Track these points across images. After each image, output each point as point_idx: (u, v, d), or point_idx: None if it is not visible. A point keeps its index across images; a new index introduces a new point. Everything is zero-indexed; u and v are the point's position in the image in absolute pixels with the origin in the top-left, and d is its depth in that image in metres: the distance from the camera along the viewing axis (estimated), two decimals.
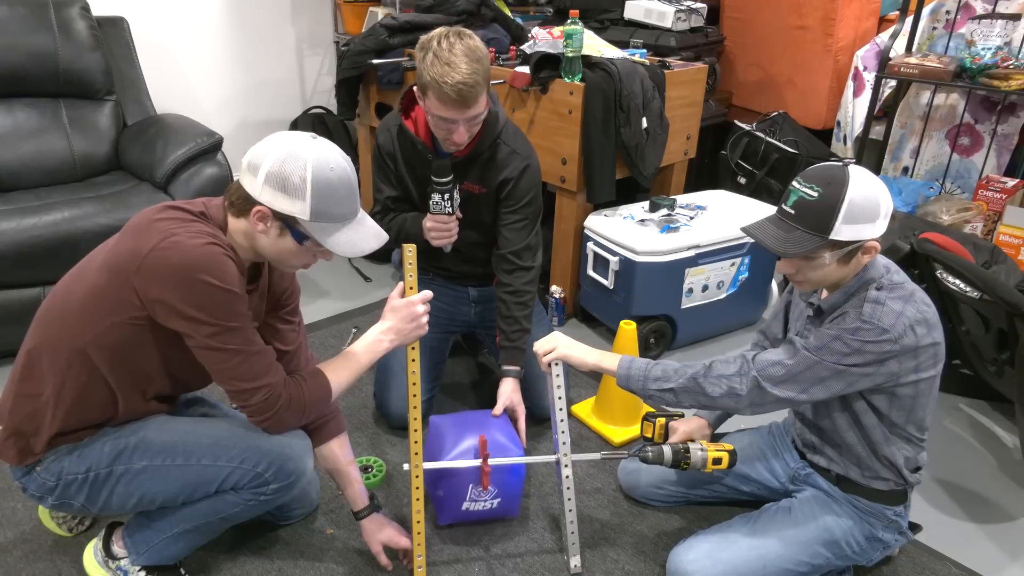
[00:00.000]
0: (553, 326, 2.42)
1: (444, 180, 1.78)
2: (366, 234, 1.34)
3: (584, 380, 2.33)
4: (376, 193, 2.00)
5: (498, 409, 1.84)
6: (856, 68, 3.15)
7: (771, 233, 1.36)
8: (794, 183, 1.35)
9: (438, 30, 1.67)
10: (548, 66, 2.41)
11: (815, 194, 1.30)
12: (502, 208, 1.93)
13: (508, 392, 1.88)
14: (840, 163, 1.33)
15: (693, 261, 2.42)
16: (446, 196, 1.80)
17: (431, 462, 1.60)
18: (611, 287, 2.45)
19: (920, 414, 1.42)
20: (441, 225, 1.84)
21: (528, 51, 2.51)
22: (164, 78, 3.18)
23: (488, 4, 2.86)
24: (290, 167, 1.22)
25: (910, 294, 1.35)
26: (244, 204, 1.27)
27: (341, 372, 1.43)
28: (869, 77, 3.08)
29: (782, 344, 1.48)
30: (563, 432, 1.60)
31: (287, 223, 1.27)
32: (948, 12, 2.97)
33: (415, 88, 1.74)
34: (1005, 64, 2.58)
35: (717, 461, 1.56)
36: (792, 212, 1.34)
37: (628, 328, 2.03)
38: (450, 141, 1.74)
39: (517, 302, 1.93)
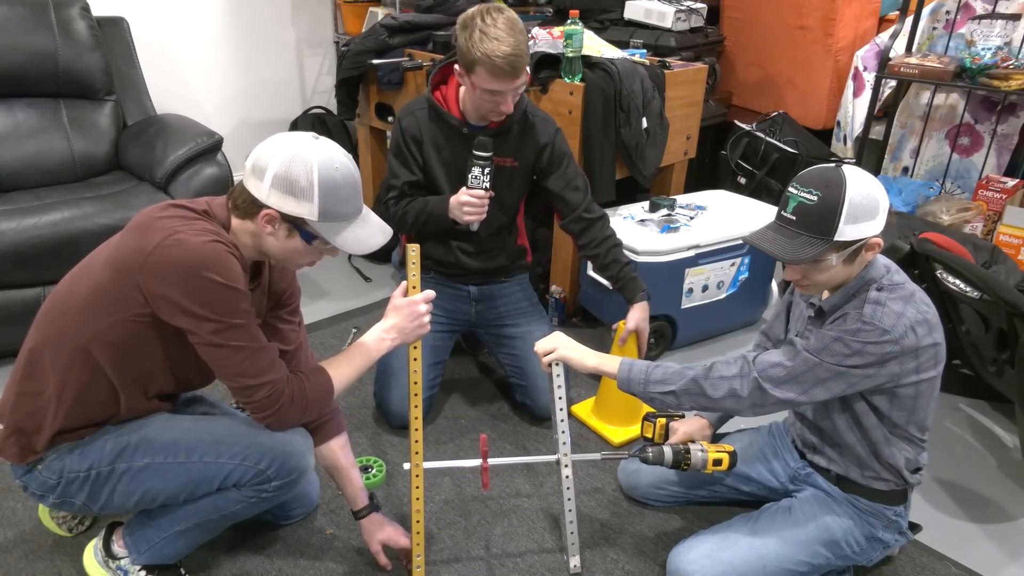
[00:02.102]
0: (553, 326, 2.43)
1: (486, 155, 1.80)
2: (372, 230, 1.35)
3: (584, 380, 2.33)
4: (392, 179, 2.00)
5: (624, 336, 1.95)
6: (856, 68, 3.15)
7: (776, 242, 1.36)
8: (791, 188, 1.35)
9: (475, 8, 1.74)
10: (548, 66, 2.41)
11: (814, 198, 1.30)
12: (552, 174, 2.00)
13: (636, 316, 1.99)
14: (832, 164, 1.33)
15: (693, 261, 2.42)
16: (486, 171, 1.82)
17: (431, 462, 1.60)
18: (611, 287, 2.44)
19: (921, 415, 1.42)
20: (478, 200, 1.84)
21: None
22: (164, 78, 3.17)
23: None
24: (296, 169, 1.23)
25: (910, 295, 1.35)
26: (250, 208, 1.28)
27: (343, 369, 1.43)
28: (869, 77, 3.08)
29: (783, 345, 1.48)
30: (563, 432, 1.60)
31: (295, 224, 1.28)
32: (948, 12, 2.97)
33: (456, 67, 1.81)
34: (1005, 64, 2.58)
35: (717, 462, 1.56)
36: (793, 218, 1.33)
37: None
38: (497, 112, 1.81)
39: (611, 247, 2.04)
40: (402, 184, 1.98)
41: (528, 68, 1.78)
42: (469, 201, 1.84)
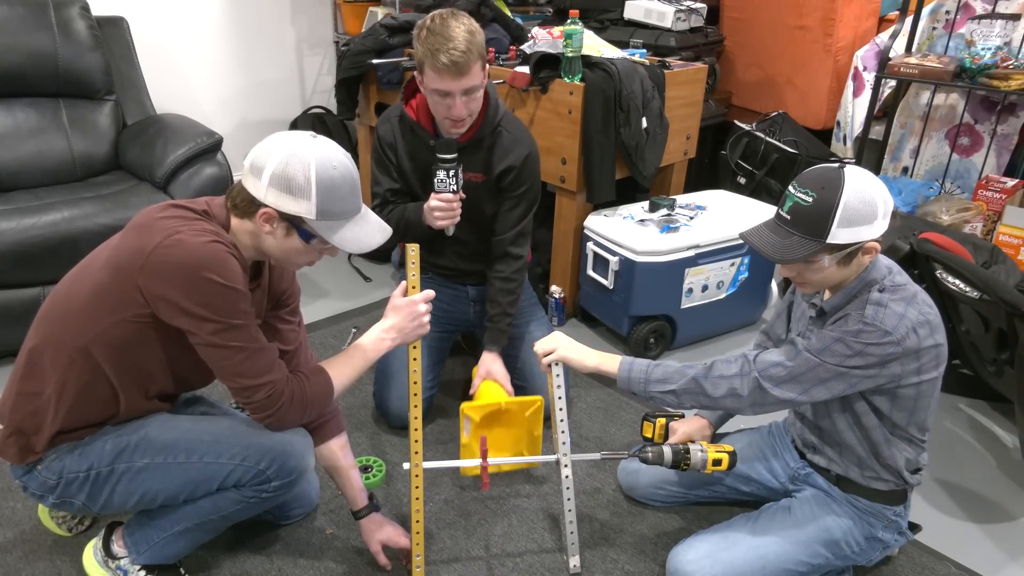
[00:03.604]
0: (553, 326, 2.43)
1: (449, 156, 1.78)
2: (371, 229, 1.35)
3: (584, 380, 2.33)
4: (375, 187, 2.00)
5: (475, 384, 1.90)
6: (856, 68, 3.15)
7: (768, 240, 1.36)
8: (790, 188, 1.35)
9: (433, 12, 1.71)
10: (548, 66, 2.41)
11: (810, 199, 1.30)
12: (503, 195, 1.96)
13: (487, 364, 1.97)
14: (836, 165, 1.33)
15: (693, 261, 2.42)
16: (451, 173, 1.80)
17: (431, 462, 1.60)
18: (611, 287, 2.45)
19: (922, 415, 1.42)
20: (445, 204, 1.83)
21: (528, 51, 2.51)
22: (164, 78, 3.17)
23: (488, 4, 2.86)
24: (294, 168, 1.23)
25: (912, 296, 1.35)
26: (248, 207, 1.28)
27: (343, 370, 1.44)
28: (869, 77, 3.08)
29: (784, 344, 1.48)
30: (563, 432, 1.60)
31: (293, 223, 1.28)
32: (948, 12, 2.97)
33: (416, 73, 1.78)
34: (1005, 64, 2.58)
35: (717, 462, 1.56)
36: (788, 218, 1.33)
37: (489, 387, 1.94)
38: (449, 119, 1.77)
39: (503, 288, 2.00)
40: (384, 191, 1.98)
41: (483, 69, 1.74)
42: (438, 206, 1.83)
